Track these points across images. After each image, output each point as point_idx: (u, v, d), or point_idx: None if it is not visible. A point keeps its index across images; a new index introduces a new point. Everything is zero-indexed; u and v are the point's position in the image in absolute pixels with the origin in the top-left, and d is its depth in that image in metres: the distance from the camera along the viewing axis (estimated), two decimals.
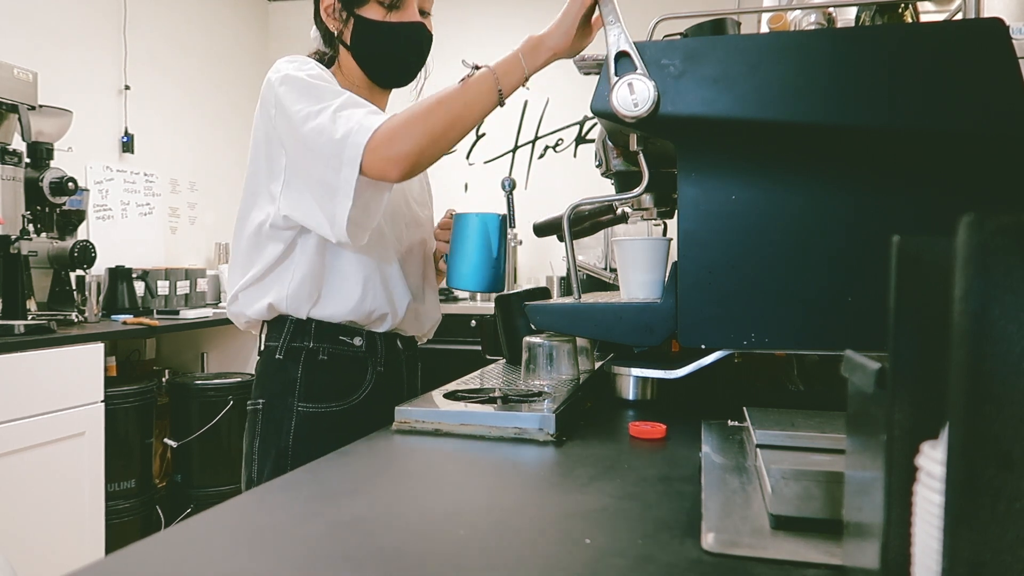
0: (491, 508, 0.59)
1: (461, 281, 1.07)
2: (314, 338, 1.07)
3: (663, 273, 0.97)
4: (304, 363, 1.06)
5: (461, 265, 1.07)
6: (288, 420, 1.05)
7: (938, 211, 0.75)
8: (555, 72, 4.11)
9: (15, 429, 1.85)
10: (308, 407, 1.06)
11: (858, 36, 0.82)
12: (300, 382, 1.06)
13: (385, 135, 0.92)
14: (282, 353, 1.07)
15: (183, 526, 0.53)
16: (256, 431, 1.07)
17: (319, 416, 1.06)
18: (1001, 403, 0.27)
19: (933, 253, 0.32)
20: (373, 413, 1.07)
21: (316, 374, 1.06)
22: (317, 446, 1.01)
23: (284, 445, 1.05)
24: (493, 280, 1.07)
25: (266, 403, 1.07)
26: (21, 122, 2.22)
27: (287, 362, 1.07)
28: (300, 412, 1.06)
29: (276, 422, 1.06)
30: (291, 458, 1.04)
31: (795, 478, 0.51)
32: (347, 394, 1.08)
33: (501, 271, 1.08)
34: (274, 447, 1.05)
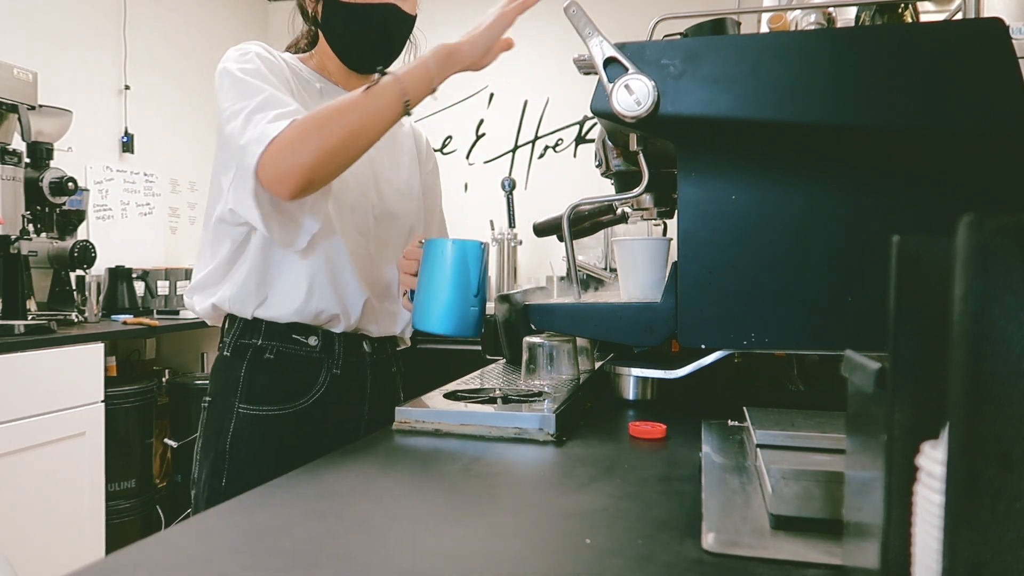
0: (491, 508, 0.59)
1: (430, 321, 0.89)
2: (264, 335, 1.01)
3: (663, 273, 0.97)
4: (249, 361, 1.00)
5: (431, 302, 0.89)
6: (228, 421, 0.99)
7: (938, 211, 0.75)
8: (555, 72, 4.12)
9: (15, 429, 1.85)
10: (249, 409, 0.99)
11: (858, 36, 0.82)
12: (243, 381, 0.99)
13: (277, 149, 0.85)
14: (229, 350, 1.01)
15: (183, 526, 0.53)
16: (201, 432, 1.03)
17: (260, 419, 0.99)
18: (1001, 403, 0.27)
19: (933, 253, 0.32)
20: (324, 420, 1.02)
21: (260, 374, 1.00)
22: (256, 451, 0.98)
23: (222, 448, 0.98)
24: (471, 321, 0.90)
25: (211, 402, 1.02)
26: (21, 122, 2.22)
27: (233, 359, 1.01)
28: (240, 414, 0.99)
29: (217, 423, 1.00)
30: (228, 462, 0.98)
31: (795, 478, 0.51)
32: (294, 397, 1.01)
33: (481, 310, 0.91)
34: (213, 449, 0.99)
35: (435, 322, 0.88)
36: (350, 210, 1.04)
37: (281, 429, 0.99)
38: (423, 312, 0.90)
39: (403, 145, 1.19)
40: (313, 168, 0.85)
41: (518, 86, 3.66)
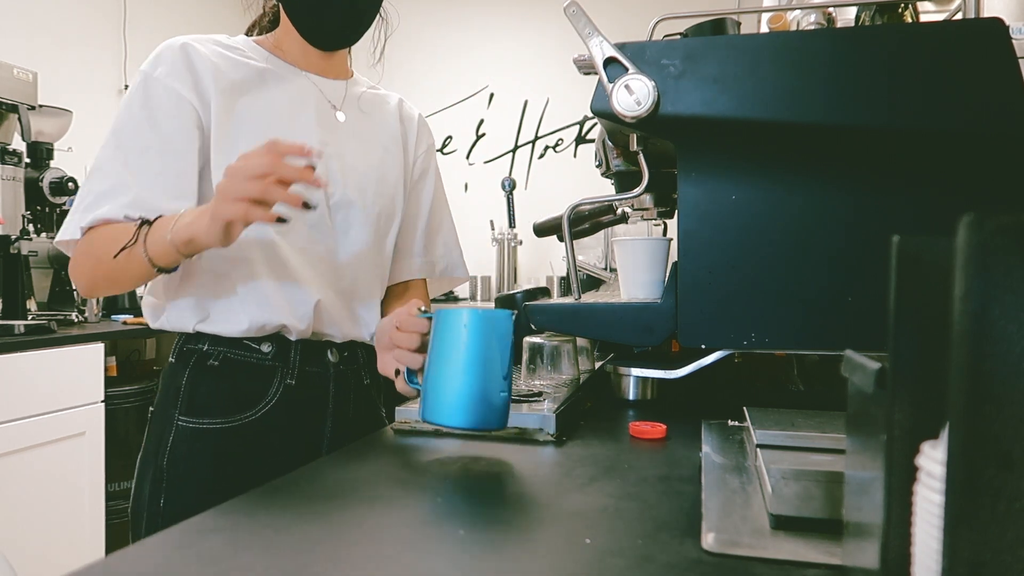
0: (491, 508, 0.59)
1: (444, 414, 0.71)
2: (211, 340, 0.92)
3: (663, 273, 0.97)
4: (192, 369, 0.91)
5: (444, 391, 0.71)
6: (167, 435, 0.90)
7: (938, 211, 0.75)
8: (555, 72, 4.12)
9: (15, 429, 1.85)
10: (189, 421, 0.90)
11: (858, 36, 0.82)
12: (184, 391, 0.91)
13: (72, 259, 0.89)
14: (175, 355, 0.94)
15: (184, 526, 0.53)
16: (143, 445, 0.94)
17: (201, 433, 0.90)
18: (1001, 403, 0.27)
19: (933, 253, 0.32)
20: (274, 436, 0.92)
21: (203, 383, 0.91)
22: (196, 469, 0.89)
23: (160, 464, 0.90)
24: (497, 412, 0.71)
25: (154, 412, 0.94)
26: (21, 122, 2.22)
27: (177, 366, 0.93)
28: (180, 427, 0.90)
29: (157, 436, 0.92)
30: (166, 480, 0.89)
31: (795, 478, 0.51)
32: (240, 409, 0.91)
33: (509, 395, 0.73)
34: (152, 465, 0.91)
35: (452, 415, 0.70)
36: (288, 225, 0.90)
37: (224, 445, 0.90)
38: (436, 403, 0.71)
39: (381, 125, 1.07)
40: (89, 290, 0.90)
41: (518, 86, 3.66)
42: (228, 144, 0.91)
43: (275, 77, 0.97)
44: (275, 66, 0.98)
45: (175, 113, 0.89)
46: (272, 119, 0.95)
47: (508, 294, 1.21)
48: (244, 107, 0.93)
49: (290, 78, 0.99)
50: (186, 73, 0.90)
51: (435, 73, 3.68)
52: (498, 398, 0.71)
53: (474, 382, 0.70)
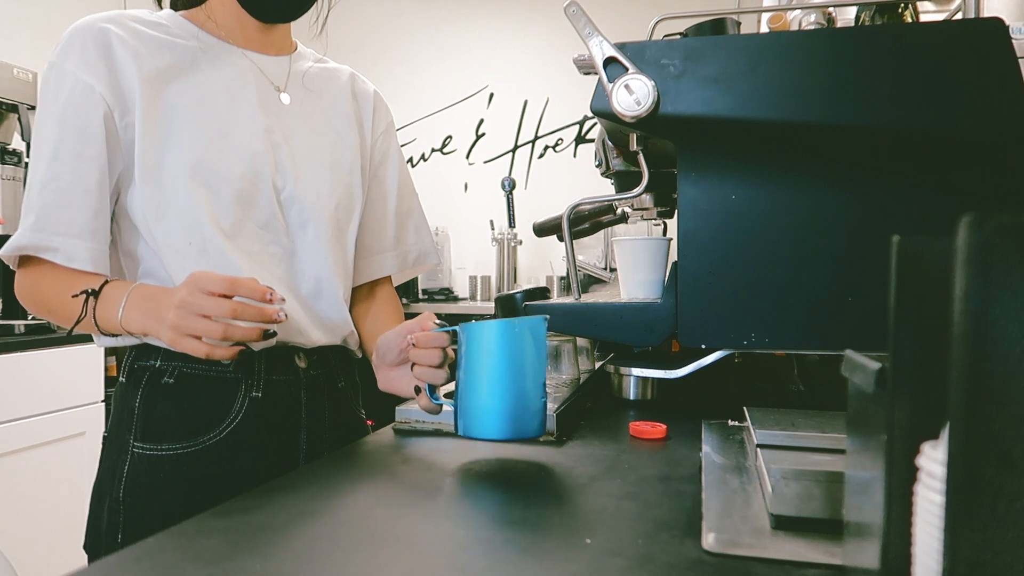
0: (490, 508, 0.59)
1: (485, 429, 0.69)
2: (163, 355, 0.83)
3: (663, 273, 0.97)
4: (145, 389, 0.82)
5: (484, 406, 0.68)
6: (122, 463, 0.81)
7: (938, 211, 0.75)
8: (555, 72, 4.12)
9: (15, 429, 1.85)
10: (146, 448, 0.81)
11: (858, 36, 0.82)
12: (138, 414, 0.81)
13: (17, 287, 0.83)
14: (125, 373, 0.85)
15: (184, 526, 0.53)
16: (97, 474, 0.85)
17: (160, 460, 0.81)
18: (1001, 403, 0.27)
19: (933, 253, 0.32)
20: (244, 455, 0.83)
21: (158, 403, 0.81)
22: (157, 500, 0.80)
23: (115, 497, 0.81)
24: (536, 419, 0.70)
25: (107, 438, 0.85)
26: (21, 122, 2.23)
27: (128, 386, 0.83)
28: (135, 454, 0.81)
29: (110, 465, 0.83)
30: (123, 512, 0.81)
31: (795, 478, 0.51)
32: (202, 431, 0.81)
33: (545, 401, 0.71)
34: (108, 496, 0.82)
35: (494, 429, 0.68)
36: (238, 204, 0.82)
37: (188, 471, 0.81)
38: (476, 418, 0.69)
39: (331, 104, 0.96)
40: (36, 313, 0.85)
41: (518, 86, 3.66)
42: (157, 142, 0.81)
43: (208, 58, 0.87)
44: (207, 44, 0.88)
45: (86, 111, 0.79)
46: (207, 108, 0.84)
47: (508, 294, 1.21)
48: (174, 96, 0.82)
49: (225, 57, 0.88)
50: (100, 63, 0.80)
51: (435, 73, 3.68)
52: (536, 405, 0.70)
53: (513, 394, 0.68)
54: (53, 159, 0.79)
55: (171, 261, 0.81)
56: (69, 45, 0.81)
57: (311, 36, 0.99)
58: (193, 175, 0.81)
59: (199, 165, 0.81)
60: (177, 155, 0.81)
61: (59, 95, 0.80)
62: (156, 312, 0.73)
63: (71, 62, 0.81)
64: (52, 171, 0.79)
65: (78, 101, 0.80)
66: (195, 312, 0.69)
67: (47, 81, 0.81)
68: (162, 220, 0.81)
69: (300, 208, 0.88)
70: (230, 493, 0.61)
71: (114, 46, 0.81)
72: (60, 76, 0.81)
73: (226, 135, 0.84)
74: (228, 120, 0.85)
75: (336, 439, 0.93)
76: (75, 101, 0.80)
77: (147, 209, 0.81)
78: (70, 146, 0.79)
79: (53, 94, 0.81)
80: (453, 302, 3.20)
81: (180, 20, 0.89)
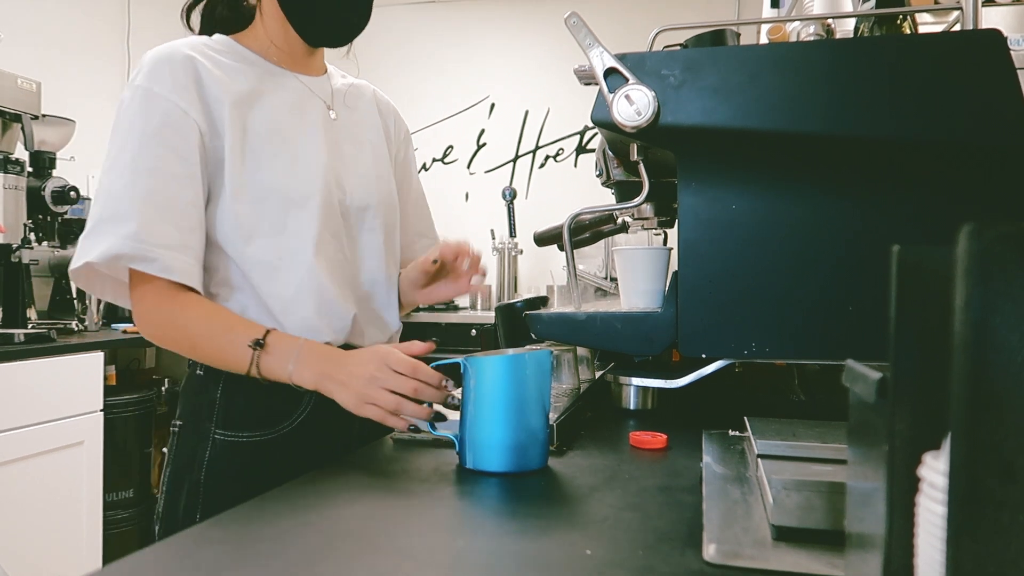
0: (489, 518, 0.59)
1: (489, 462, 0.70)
2: None
3: (664, 283, 0.97)
4: (225, 382, 0.89)
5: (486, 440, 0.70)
6: (203, 449, 0.89)
7: (938, 220, 0.75)
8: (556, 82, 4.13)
9: (14, 438, 1.84)
10: (226, 435, 0.89)
11: (857, 47, 0.82)
12: (219, 405, 0.89)
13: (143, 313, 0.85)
14: (203, 368, 0.91)
15: (181, 536, 0.52)
16: (170, 460, 0.92)
17: (239, 446, 0.89)
18: (1003, 413, 0.27)
19: (933, 262, 0.32)
20: (309, 443, 0.91)
21: (238, 396, 0.89)
22: (235, 482, 0.87)
23: (196, 479, 0.88)
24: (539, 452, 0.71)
25: (182, 427, 0.92)
26: (24, 131, 2.24)
27: (207, 380, 0.90)
28: (217, 440, 0.88)
29: (190, 450, 0.89)
30: (203, 495, 0.88)
31: (796, 488, 0.51)
32: (276, 421, 0.90)
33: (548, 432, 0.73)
34: (187, 480, 0.89)
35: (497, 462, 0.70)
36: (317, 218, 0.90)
37: (261, 457, 0.89)
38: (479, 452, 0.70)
39: (365, 119, 1.04)
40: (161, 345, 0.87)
41: (519, 96, 3.67)
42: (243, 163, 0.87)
43: (270, 82, 0.93)
44: (266, 69, 0.94)
45: (182, 134, 0.85)
46: (284, 131, 0.91)
47: (508, 303, 1.21)
48: (253, 119, 0.89)
49: (282, 80, 0.95)
50: (192, 91, 0.86)
51: (436, 83, 3.70)
52: (540, 437, 0.71)
53: (518, 429, 0.70)
54: (151, 175, 0.83)
55: (259, 275, 0.88)
56: (157, 71, 0.86)
57: (338, 56, 1.04)
58: (278, 193, 0.88)
59: (282, 184, 0.89)
60: (263, 175, 0.88)
61: (151, 117, 0.85)
62: (337, 376, 0.79)
63: (162, 87, 0.85)
64: (150, 186, 0.83)
65: (175, 124, 0.85)
66: (382, 386, 0.76)
67: (133, 101, 0.85)
68: (251, 237, 0.88)
69: (359, 216, 0.97)
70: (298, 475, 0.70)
71: (201, 74, 0.88)
72: (150, 99, 0.85)
73: (298, 154, 0.91)
74: (298, 140, 0.92)
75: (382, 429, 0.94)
76: (172, 124, 0.85)
77: (234, 227, 0.87)
78: (169, 165, 0.84)
79: (144, 115, 0.85)
80: (454, 311, 3.19)
81: (236, 46, 0.95)
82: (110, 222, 0.82)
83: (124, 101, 0.86)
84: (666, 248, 0.99)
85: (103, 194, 0.84)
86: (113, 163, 0.85)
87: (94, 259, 0.81)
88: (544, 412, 0.72)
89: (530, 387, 0.70)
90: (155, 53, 0.88)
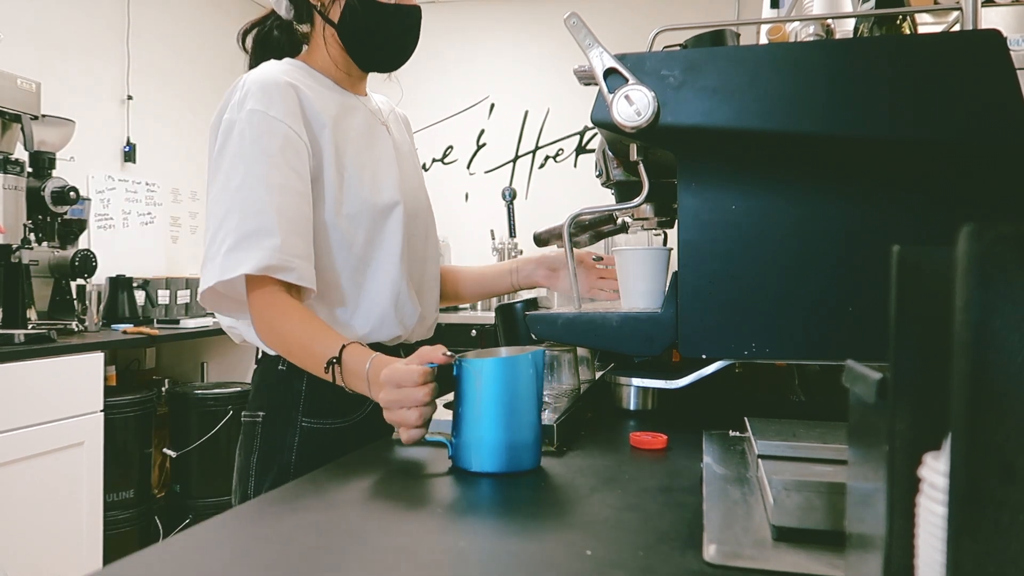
0: (490, 519, 0.59)
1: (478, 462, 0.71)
2: None
3: (663, 283, 0.97)
4: (309, 376, 0.99)
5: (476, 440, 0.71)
6: (291, 435, 0.99)
7: (938, 221, 0.75)
8: (556, 82, 4.13)
9: (14, 439, 1.84)
10: (312, 422, 1.00)
11: (856, 47, 0.82)
12: (304, 396, 1.00)
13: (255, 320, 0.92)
14: (285, 364, 1.00)
15: (182, 537, 0.52)
16: (255, 445, 1.01)
17: (322, 432, 1.00)
18: (1003, 413, 0.27)
19: (934, 263, 0.32)
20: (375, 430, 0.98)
21: (321, 388, 0.99)
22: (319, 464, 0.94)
23: (287, 461, 0.99)
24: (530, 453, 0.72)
25: (267, 416, 1.01)
26: (24, 132, 2.23)
27: (290, 374, 1.00)
28: (304, 427, 1.00)
29: (278, 437, 1.00)
30: (293, 475, 0.97)
31: (797, 489, 0.51)
32: (351, 410, 1.01)
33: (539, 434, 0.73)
34: (276, 463, 0.99)
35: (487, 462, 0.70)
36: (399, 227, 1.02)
37: (341, 440, 0.99)
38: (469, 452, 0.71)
39: (402, 134, 1.16)
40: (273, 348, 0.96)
41: (519, 96, 3.68)
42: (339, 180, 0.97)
43: (346, 104, 1.03)
44: (339, 92, 1.04)
45: (299, 155, 0.93)
46: (365, 149, 1.02)
47: (508, 303, 1.21)
48: (343, 140, 0.99)
49: (352, 102, 1.05)
50: (299, 114, 0.94)
51: (436, 83, 3.70)
52: (531, 438, 0.72)
53: (506, 430, 0.70)
54: (282, 192, 0.91)
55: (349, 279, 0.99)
56: (269, 96, 0.93)
57: (381, 79, 1.13)
58: (368, 206, 0.99)
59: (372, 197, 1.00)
60: (355, 190, 0.99)
61: (274, 138, 0.92)
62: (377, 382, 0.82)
63: (277, 111, 0.93)
64: (282, 202, 0.90)
65: (293, 146, 0.93)
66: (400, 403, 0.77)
67: (251, 124, 0.92)
68: (348, 246, 0.98)
69: (422, 224, 1.10)
70: None
71: (301, 100, 0.96)
72: (269, 122, 0.92)
73: (378, 170, 1.03)
74: (377, 156, 1.04)
75: None
76: (291, 147, 0.93)
77: (334, 237, 0.98)
78: (293, 183, 0.92)
79: (267, 137, 0.92)
80: (454, 311, 3.19)
81: (311, 71, 1.03)
82: (255, 236, 0.88)
83: (238, 123, 0.93)
84: (666, 248, 0.99)
85: (236, 211, 0.90)
86: (241, 181, 0.90)
87: (249, 270, 0.88)
88: (536, 413, 0.72)
89: (522, 389, 0.71)
90: (260, 79, 0.94)
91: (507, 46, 3.69)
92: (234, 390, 2.66)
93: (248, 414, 1.03)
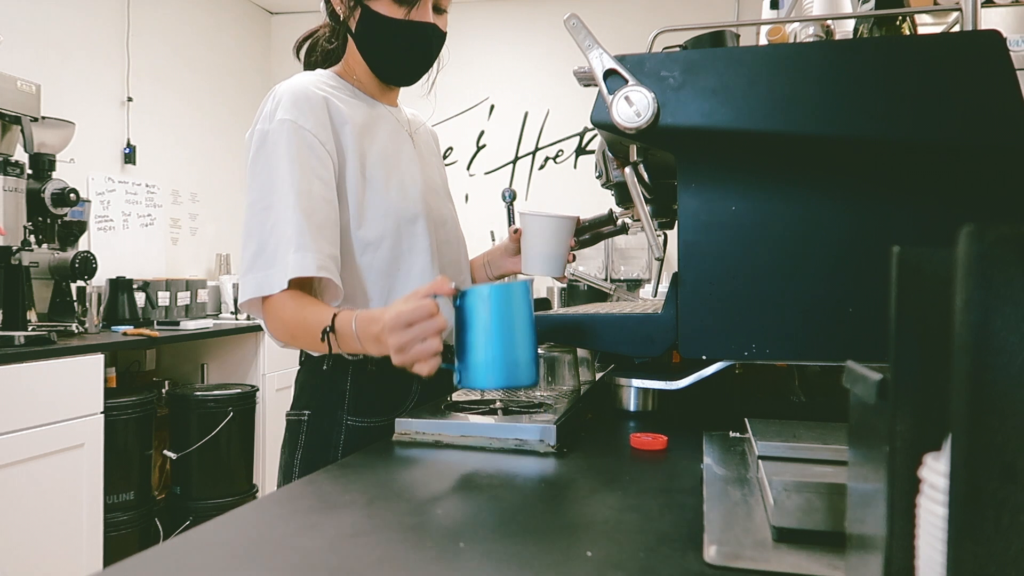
0: (490, 520, 0.59)
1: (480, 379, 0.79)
2: None
3: (565, 249, 1.05)
4: (353, 375, 1.03)
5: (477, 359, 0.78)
6: (337, 433, 1.02)
7: (938, 222, 0.75)
8: (555, 84, 4.13)
9: (14, 441, 1.84)
10: (357, 421, 1.02)
11: (856, 48, 0.82)
12: (349, 395, 1.03)
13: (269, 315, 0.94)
14: (329, 363, 1.03)
15: (182, 538, 0.52)
16: (299, 443, 1.04)
17: (367, 430, 1.02)
18: (1003, 414, 0.27)
19: (934, 264, 0.32)
20: None
21: (365, 387, 1.03)
22: None
23: (333, 458, 1.00)
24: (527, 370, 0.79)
25: (312, 415, 1.04)
26: (24, 133, 2.24)
27: (335, 374, 1.03)
28: (349, 426, 1.02)
29: (324, 435, 1.03)
30: None
31: (797, 490, 0.51)
32: (392, 408, 1.03)
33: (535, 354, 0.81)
34: (321, 460, 1.00)
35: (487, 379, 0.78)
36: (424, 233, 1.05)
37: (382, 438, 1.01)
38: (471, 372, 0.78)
39: (428, 145, 1.21)
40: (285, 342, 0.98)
41: (519, 98, 3.68)
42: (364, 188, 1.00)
43: (373, 113, 1.07)
44: (367, 102, 1.08)
45: (325, 165, 0.97)
46: (391, 158, 1.04)
47: None
48: (369, 149, 1.02)
49: (380, 112, 1.08)
50: (328, 128, 0.98)
51: (436, 84, 3.70)
52: (528, 356, 0.78)
53: (508, 347, 0.77)
54: (310, 198, 0.94)
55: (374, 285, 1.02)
56: (300, 107, 0.97)
57: (419, 95, 1.16)
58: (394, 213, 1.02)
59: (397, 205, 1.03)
60: (380, 198, 1.02)
61: (303, 148, 0.96)
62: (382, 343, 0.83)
63: (306, 122, 0.96)
64: (311, 207, 0.94)
65: (320, 156, 0.97)
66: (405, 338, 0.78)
67: (282, 133, 0.95)
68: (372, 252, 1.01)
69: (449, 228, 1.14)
70: None
71: (331, 110, 1.00)
72: (299, 132, 0.96)
73: (404, 179, 1.06)
74: (401, 165, 1.06)
75: None
76: (318, 156, 0.97)
77: (358, 244, 1.01)
78: (320, 190, 0.96)
79: (297, 146, 0.95)
80: None
81: (343, 81, 1.08)
82: (292, 242, 0.92)
83: (271, 133, 0.96)
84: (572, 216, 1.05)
85: (272, 219, 0.93)
86: (273, 188, 0.94)
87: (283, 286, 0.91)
88: (531, 335, 0.79)
89: (521, 309, 0.79)
90: (291, 90, 0.98)
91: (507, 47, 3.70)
92: (234, 391, 2.66)
93: (293, 412, 1.05)
